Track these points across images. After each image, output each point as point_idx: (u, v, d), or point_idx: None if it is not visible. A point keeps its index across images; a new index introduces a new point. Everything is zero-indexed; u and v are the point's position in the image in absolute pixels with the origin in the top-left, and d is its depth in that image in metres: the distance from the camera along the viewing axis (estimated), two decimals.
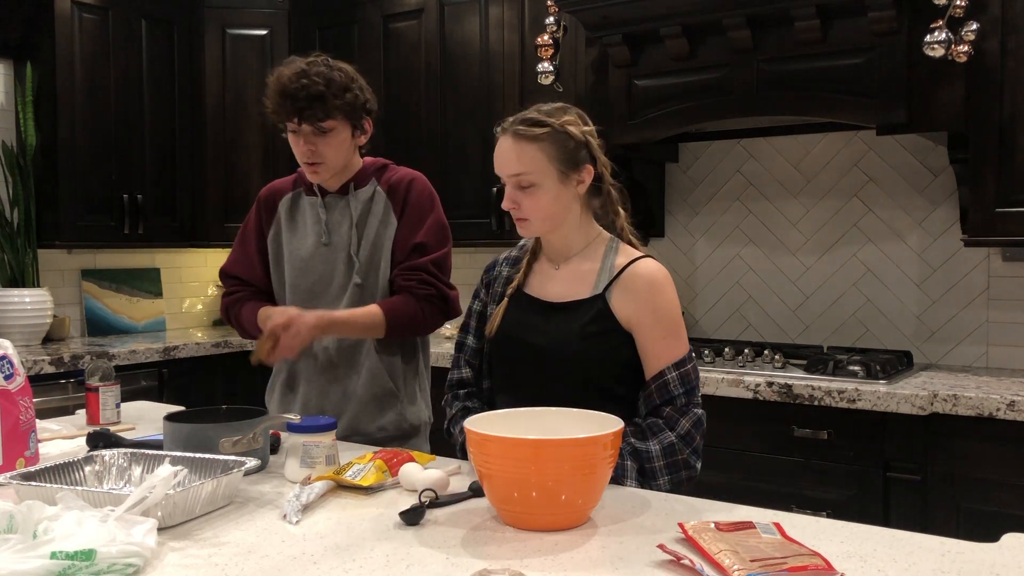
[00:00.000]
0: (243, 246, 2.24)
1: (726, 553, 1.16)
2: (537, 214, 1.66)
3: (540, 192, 1.64)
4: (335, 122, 2.04)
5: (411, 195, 2.13)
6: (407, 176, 2.17)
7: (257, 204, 2.24)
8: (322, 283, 2.13)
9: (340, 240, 2.13)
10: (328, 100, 2.00)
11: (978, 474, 2.43)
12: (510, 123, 1.67)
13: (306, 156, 2.06)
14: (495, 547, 1.27)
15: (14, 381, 1.67)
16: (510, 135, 1.66)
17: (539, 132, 1.63)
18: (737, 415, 2.74)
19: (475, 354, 1.83)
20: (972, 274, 3.04)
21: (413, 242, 2.10)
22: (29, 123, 3.71)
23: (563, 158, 1.64)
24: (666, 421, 1.63)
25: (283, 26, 4.31)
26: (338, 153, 2.08)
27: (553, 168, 1.64)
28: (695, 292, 3.58)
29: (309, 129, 2.03)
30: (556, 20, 3.20)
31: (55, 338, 3.87)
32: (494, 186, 3.67)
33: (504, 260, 1.87)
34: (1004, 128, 2.63)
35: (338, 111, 2.02)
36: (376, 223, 2.13)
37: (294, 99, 2.00)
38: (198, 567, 1.20)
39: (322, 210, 2.14)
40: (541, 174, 1.63)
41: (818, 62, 2.79)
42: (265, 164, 4.31)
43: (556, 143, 1.63)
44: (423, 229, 2.11)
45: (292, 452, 1.64)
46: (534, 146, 1.63)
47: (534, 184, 1.64)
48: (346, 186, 2.16)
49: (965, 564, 1.18)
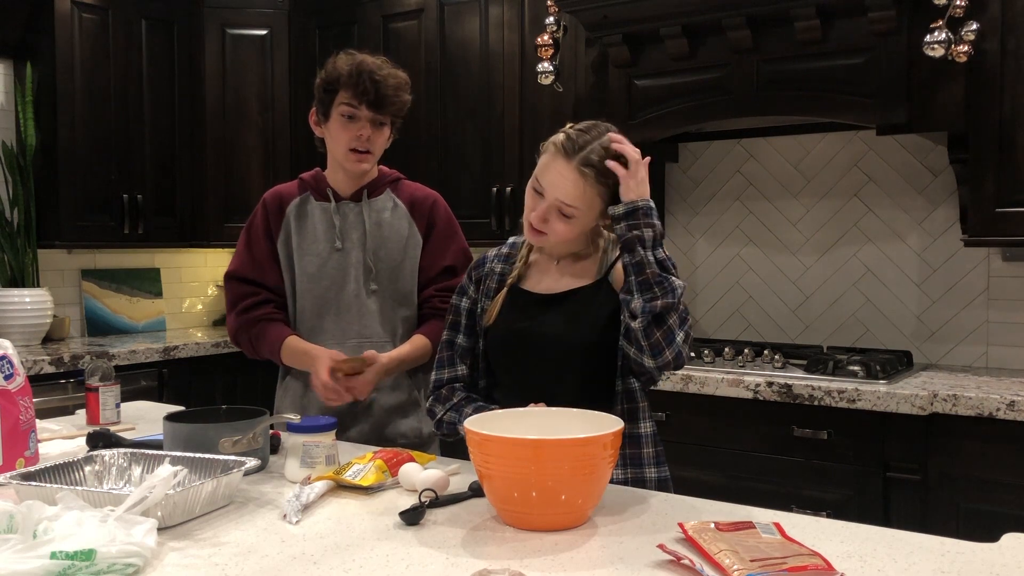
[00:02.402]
0: (250, 250, 2.18)
1: (726, 553, 1.16)
2: (563, 237, 1.67)
3: (576, 223, 1.65)
4: (391, 117, 2.11)
5: (437, 217, 2.20)
6: (429, 195, 2.23)
7: (263, 208, 2.19)
8: (335, 288, 2.13)
9: (353, 246, 2.13)
10: (402, 96, 2.09)
11: (978, 474, 2.43)
12: (574, 150, 1.62)
13: (362, 143, 2.08)
14: (495, 547, 1.27)
15: (14, 381, 1.67)
16: (575, 168, 1.61)
17: (604, 181, 1.62)
18: (737, 415, 2.74)
19: (467, 353, 1.80)
20: (972, 274, 3.04)
21: (443, 264, 2.18)
22: (29, 123, 3.71)
23: (609, 197, 1.64)
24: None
25: (283, 26, 4.31)
26: (382, 148, 2.15)
27: (599, 208, 1.65)
28: (695, 292, 3.58)
29: (370, 116, 2.06)
30: (556, 20, 3.20)
31: (55, 338, 3.87)
32: (494, 186, 3.67)
33: (495, 257, 1.85)
34: (1004, 128, 2.63)
35: (401, 109, 2.11)
36: (397, 235, 2.15)
37: (379, 86, 2.04)
38: (198, 567, 1.20)
39: (336, 215, 2.14)
40: (586, 212, 1.64)
41: (818, 62, 2.79)
42: (265, 164, 4.31)
43: (609, 189, 1.63)
44: (451, 252, 2.19)
45: (292, 452, 1.64)
46: (594, 189, 1.62)
47: (575, 217, 1.64)
48: (359, 193, 2.16)
49: (965, 564, 1.18)
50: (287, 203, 2.17)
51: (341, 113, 2.06)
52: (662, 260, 1.57)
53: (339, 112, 2.07)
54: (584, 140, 1.62)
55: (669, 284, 1.55)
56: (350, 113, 2.06)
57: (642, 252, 1.56)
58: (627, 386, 1.68)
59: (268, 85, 4.30)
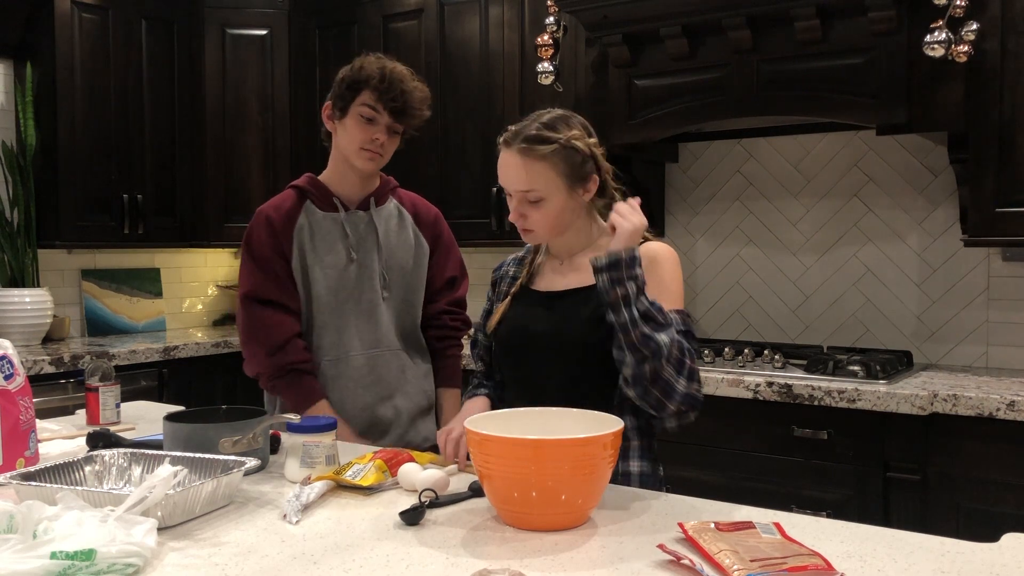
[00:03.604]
0: (263, 269, 2.09)
1: (726, 553, 1.16)
2: (544, 226, 1.68)
3: (548, 206, 1.65)
4: (407, 128, 2.14)
5: (443, 229, 2.28)
6: (432, 208, 2.30)
7: (268, 225, 2.10)
8: (353, 299, 2.14)
9: (367, 256, 2.14)
10: (424, 111, 2.12)
11: (978, 474, 2.43)
12: (514, 137, 1.65)
13: (377, 145, 2.09)
14: (495, 547, 1.27)
15: (14, 381, 1.67)
16: (516, 151, 1.64)
17: (547, 150, 1.62)
18: (737, 415, 2.74)
19: (486, 351, 1.88)
20: (972, 274, 3.04)
21: (447, 276, 2.25)
22: (29, 123, 3.71)
23: (571, 173, 1.64)
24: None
25: (283, 26, 4.31)
26: (390, 154, 2.16)
27: (562, 183, 1.64)
28: (695, 292, 3.58)
29: (388, 123, 2.08)
30: (556, 20, 3.20)
31: (55, 338, 3.87)
32: (494, 186, 3.67)
33: (512, 260, 1.91)
34: (1004, 128, 2.63)
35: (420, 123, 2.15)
36: (406, 244, 2.19)
37: (407, 96, 2.06)
38: (198, 567, 1.20)
39: (348, 226, 2.14)
40: (549, 190, 1.64)
41: (818, 62, 2.79)
42: (265, 164, 4.31)
43: (564, 159, 1.63)
44: (452, 263, 2.28)
45: (292, 452, 1.64)
46: (542, 163, 1.63)
47: (542, 199, 1.64)
48: (366, 201, 2.17)
49: (965, 564, 1.18)
50: (294, 217, 2.12)
51: (361, 113, 2.07)
52: (645, 312, 1.50)
53: (359, 112, 2.07)
54: (521, 126, 1.67)
55: (655, 344, 1.49)
56: (370, 116, 2.07)
57: (626, 313, 1.50)
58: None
59: (268, 85, 4.30)
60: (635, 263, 1.52)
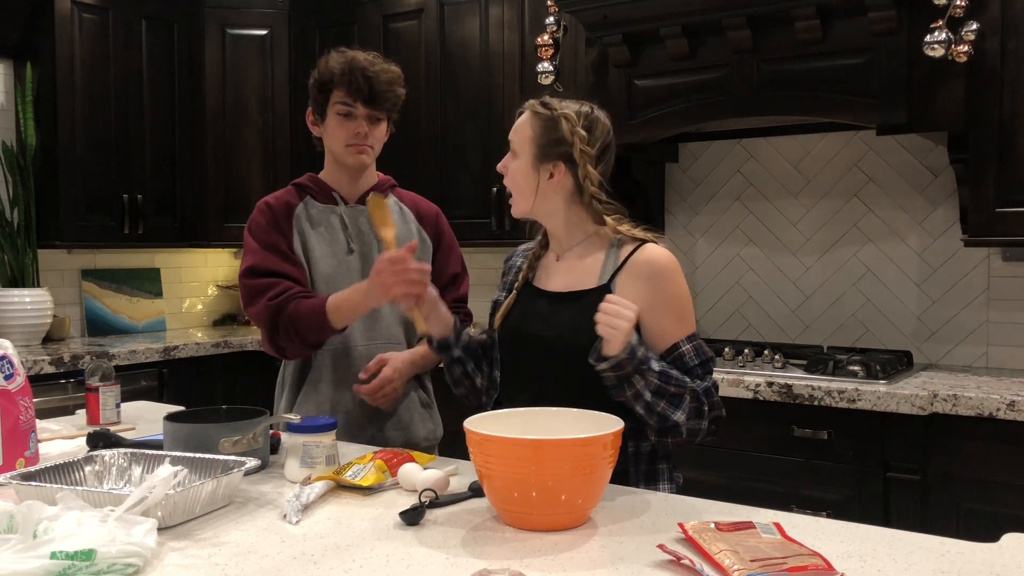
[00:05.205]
0: (264, 247, 2.06)
1: (726, 553, 1.16)
2: (513, 186, 1.76)
3: (517, 163, 1.74)
4: (387, 112, 2.12)
5: (443, 227, 2.27)
6: (433, 207, 2.29)
7: (269, 210, 2.10)
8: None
9: (368, 248, 2.14)
10: (396, 90, 2.11)
11: (978, 474, 2.43)
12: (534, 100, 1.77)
13: (361, 137, 2.09)
14: (495, 547, 1.27)
15: (14, 381, 1.67)
16: (527, 108, 1.76)
17: (539, 112, 1.72)
18: (737, 415, 2.74)
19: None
20: (972, 274, 3.04)
21: (450, 272, 2.24)
22: (29, 123, 3.71)
23: (541, 143, 1.71)
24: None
25: (283, 26, 4.32)
26: (381, 142, 2.16)
27: (532, 146, 1.72)
28: (695, 292, 3.58)
29: (366, 113, 2.08)
30: (556, 20, 3.20)
31: (55, 338, 3.87)
32: (494, 186, 3.67)
33: (521, 251, 1.92)
34: (1004, 128, 2.63)
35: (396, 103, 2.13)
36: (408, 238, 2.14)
37: (373, 82, 2.05)
38: (198, 567, 1.20)
39: (348, 219, 2.14)
40: (522, 146, 1.73)
41: (818, 62, 2.79)
42: (265, 164, 4.31)
43: (544, 127, 1.71)
44: (454, 260, 2.27)
45: (292, 452, 1.64)
46: (529, 121, 1.73)
47: (516, 153, 1.74)
48: (364, 197, 2.16)
49: (965, 564, 1.18)
50: (293, 209, 2.11)
51: (337, 112, 2.07)
52: (657, 389, 1.55)
53: (335, 111, 2.07)
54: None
55: (672, 422, 1.57)
56: (346, 111, 2.07)
57: (640, 406, 1.57)
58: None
59: (268, 85, 4.30)
60: (635, 354, 1.53)
